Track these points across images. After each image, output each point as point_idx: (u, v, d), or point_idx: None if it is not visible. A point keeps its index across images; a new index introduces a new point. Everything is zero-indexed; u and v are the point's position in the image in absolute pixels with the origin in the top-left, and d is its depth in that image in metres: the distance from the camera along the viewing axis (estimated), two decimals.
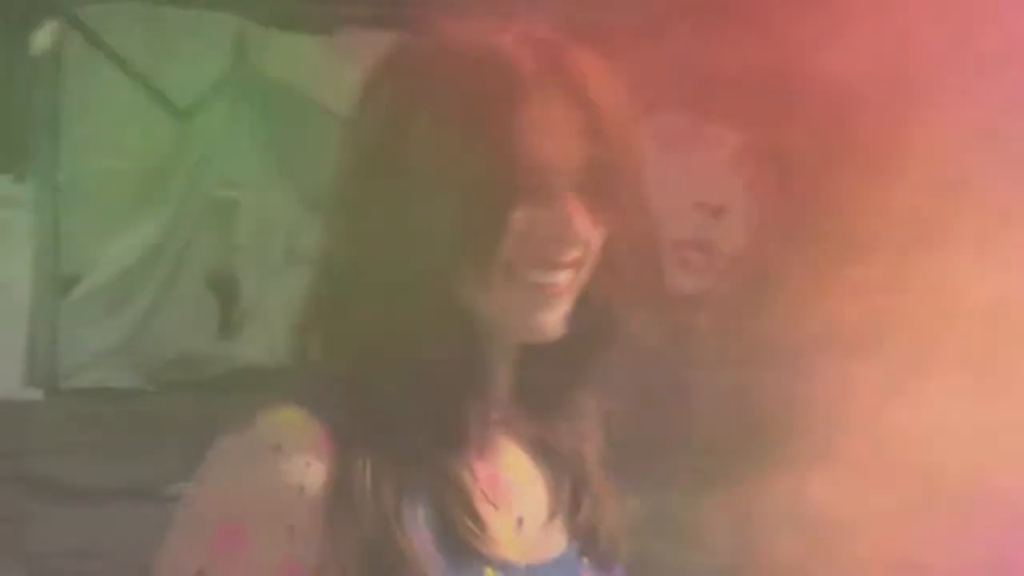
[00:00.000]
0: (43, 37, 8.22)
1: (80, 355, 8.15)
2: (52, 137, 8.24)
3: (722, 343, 6.26)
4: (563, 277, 0.96)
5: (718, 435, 5.66)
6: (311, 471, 0.90)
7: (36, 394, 7.77)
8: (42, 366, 7.91)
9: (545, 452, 1.02)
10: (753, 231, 6.56)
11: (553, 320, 0.96)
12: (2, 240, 7.99)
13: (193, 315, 8.61)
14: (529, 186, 0.93)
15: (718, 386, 5.80)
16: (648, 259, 1.04)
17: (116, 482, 5.60)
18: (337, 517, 0.90)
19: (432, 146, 0.92)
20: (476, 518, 0.94)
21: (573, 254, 0.95)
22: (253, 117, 8.67)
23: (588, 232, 0.95)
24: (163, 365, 8.38)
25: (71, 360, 8.11)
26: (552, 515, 1.01)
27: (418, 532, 0.92)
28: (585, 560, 1.02)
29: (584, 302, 0.98)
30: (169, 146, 9.18)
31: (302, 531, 0.90)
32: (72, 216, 8.53)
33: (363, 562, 0.90)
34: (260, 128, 8.64)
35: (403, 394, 0.93)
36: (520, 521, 0.99)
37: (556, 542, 1.01)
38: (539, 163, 0.93)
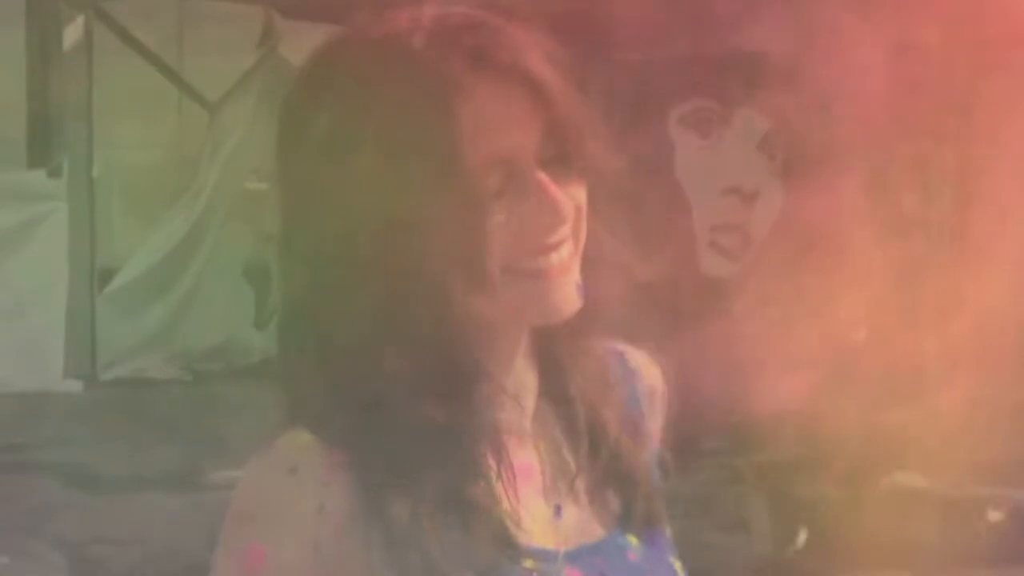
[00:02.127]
0: (74, 33, 8.27)
1: (118, 346, 8.23)
2: (85, 132, 8.30)
3: (758, 326, 6.24)
4: (562, 254, 0.94)
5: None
6: (329, 490, 0.91)
7: (76, 386, 7.84)
8: (81, 358, 7.99)
9: (567, 430, 1.01)
10: (785, 215, 6.54)
11: (566, 297, 0.94)
12: (39, 234, 8.07)
13: (229, 305, 8.66)
14: (498, 181, 0.91)
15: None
16: (629, 195, 0.99)
17: (155, 471, 5.65)
18: (362, 532, 0.91)
19: (385, 167, 0.90)
20: (507, 512, 0.94)
21: (563, 232, 0.94)
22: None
23: (568, 205, 0.93)
24: (200, 355, 8.45)
25: (109, 352, 8.19)
26: (581, 498, 1.00)
27: (446, 535, 0.91)
28: (632, 541, 1.01)
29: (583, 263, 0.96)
30: (200, 138, 9.23)
31: (327, 548, 0.91)
32: (107, 209, 8.60)
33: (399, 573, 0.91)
34: None
35: (414, 399, 0.92)
36: (558, 509, 0.98)
37: (596, 527, 1.00)
38: (498, 154, 0.91)
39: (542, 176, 0.92)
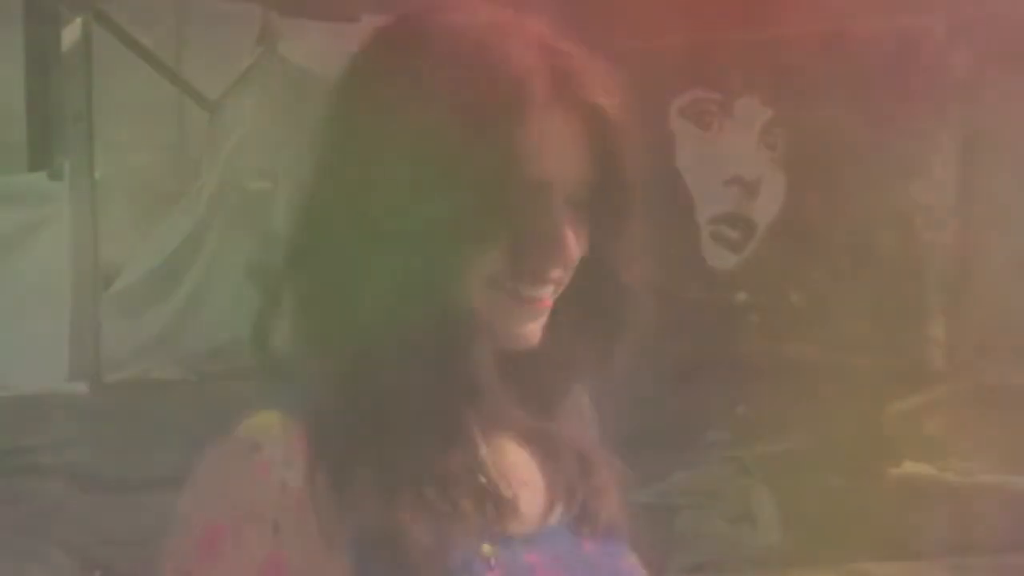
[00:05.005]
0: (72, 34, 8.26)
1: (122, 348, 8.22)
2: (85, 133, 8.29)
3: (762, 317, 6.24)
4: (548, 291, 0.96)
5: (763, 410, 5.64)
6: (291, 467, 0.92)
7: (81, 387, 7.84)
8: (85, 360, 7.98)
9: (542, 443, 1.03)
10: (788, 204, 6.53)
11: (533, 330, 0.97)
12: (41, 237, 8.06)
13: (233, 305, 8.65)
14: (526, 201, 0.93)
15: (762, 360, 5.78)
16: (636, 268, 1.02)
17: (161, 471, 5.64)
18: (325, 509, 0.91)
19: (426, 147, 0.91)
20: (479, 497, 0.95)
21: (559, 271, 0.96)
22: (282, 106, 8.70)
23: (576, 250, 0.96)
24: (204, 355, 8.44)
25: (114, 353, 8.18)
26: (550, 505, 1.01)
27: (408, 515, 0.92)
28: (585, 529, 1.02)
29: (569, 309, 0.98)
30: (201, 138, 9.22)
31: (287, 526, 0.91)
32: (109, 211, 8.59)
33: (358, 550, 0.91)
34: (289, 117, 8.66)
35: (398, 389, 0.94)
36: (515, 498, 0.99)
37: (553, 514, 1.01)
38: (539, 178, 0.93)
39: (563, 215, 0.94)
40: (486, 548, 0.95)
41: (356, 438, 0.93)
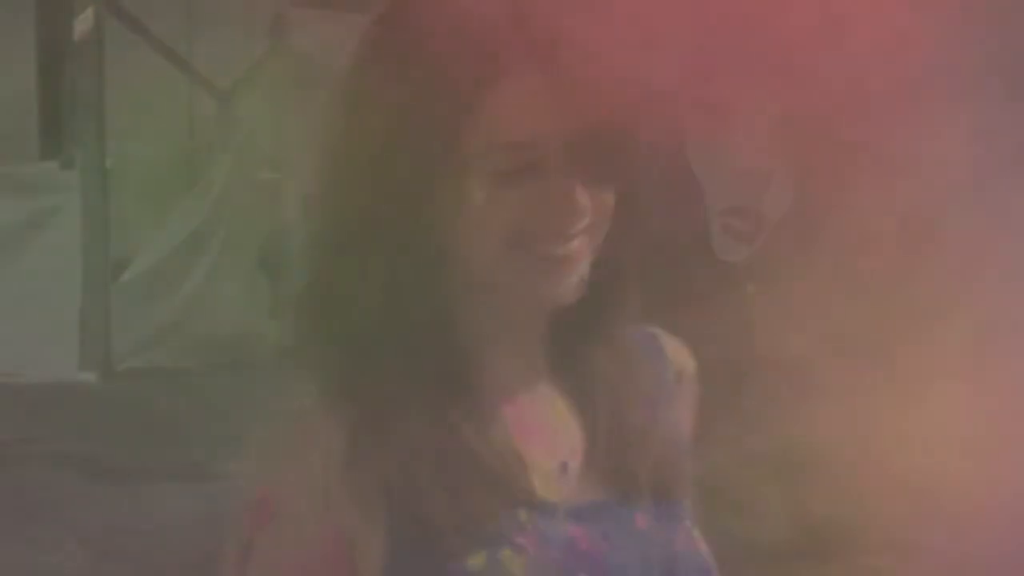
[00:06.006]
0: (84, 24, 8.28)
1: (132, 337, 8.24)
2: (97, 123, 8.31)
3: (771, 309, 6.24)
4: (576, 245, 0.96)
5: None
6: (335, 438, 0.94)
7: (90, 377, 7.86)
8: (95, 349, 8.01)
9: (581, 398, 1.03)
10: (797, 197, 6.53)
11: (567, 287, 0.97)
12: (52, 225, 8.09)
13: (243, 295, 8.68)
14: (518, 165, 0.94)
15: (770, 353, 5.78)
16: (650, 215, 1.03)
17: (170, 460, 5.67)
18: (363, 483, 0.93)
19: (407, 122, 0.94)
20: (505, 462, 0.96)
21: (581, 224, 0.96)
22: (292, 97, 8.71)
23: (586, 203, 0.95)
24: (215, 345, 8.47)
25: (124, 342, 8.20)
26: (587, 478, 1.01)
27: (440, 482, 0.94)
28: (636, 503, 1.01)
29: (604, 261, 0.99)
30: (212, 128, 9.24)
31: (338, 496, 0.93)
32: (120, 200, 8.62)
33: (392, 522, 0.93)
34: (299, 108, 8.67)
35: (412, 369, 0.96)
36: (564, 466, 0.99)
37: (603, 489, 1.01)
38: (522, 141, 0.94)
39: (564, 169, 0.95)
40: (523, 515, 0.95)
41: (380, 415, 0.95)
